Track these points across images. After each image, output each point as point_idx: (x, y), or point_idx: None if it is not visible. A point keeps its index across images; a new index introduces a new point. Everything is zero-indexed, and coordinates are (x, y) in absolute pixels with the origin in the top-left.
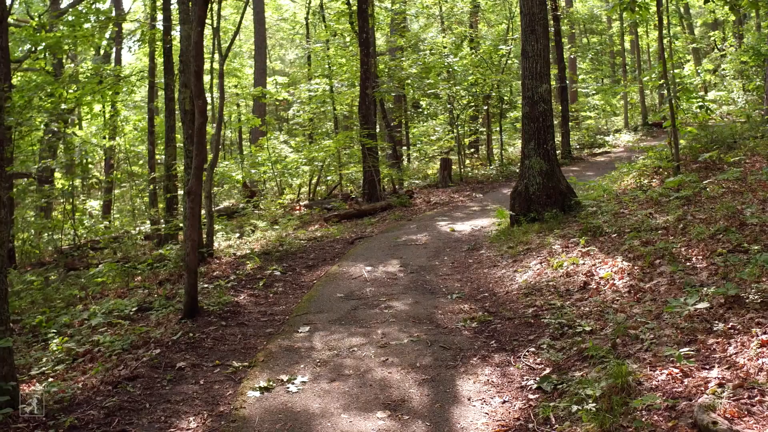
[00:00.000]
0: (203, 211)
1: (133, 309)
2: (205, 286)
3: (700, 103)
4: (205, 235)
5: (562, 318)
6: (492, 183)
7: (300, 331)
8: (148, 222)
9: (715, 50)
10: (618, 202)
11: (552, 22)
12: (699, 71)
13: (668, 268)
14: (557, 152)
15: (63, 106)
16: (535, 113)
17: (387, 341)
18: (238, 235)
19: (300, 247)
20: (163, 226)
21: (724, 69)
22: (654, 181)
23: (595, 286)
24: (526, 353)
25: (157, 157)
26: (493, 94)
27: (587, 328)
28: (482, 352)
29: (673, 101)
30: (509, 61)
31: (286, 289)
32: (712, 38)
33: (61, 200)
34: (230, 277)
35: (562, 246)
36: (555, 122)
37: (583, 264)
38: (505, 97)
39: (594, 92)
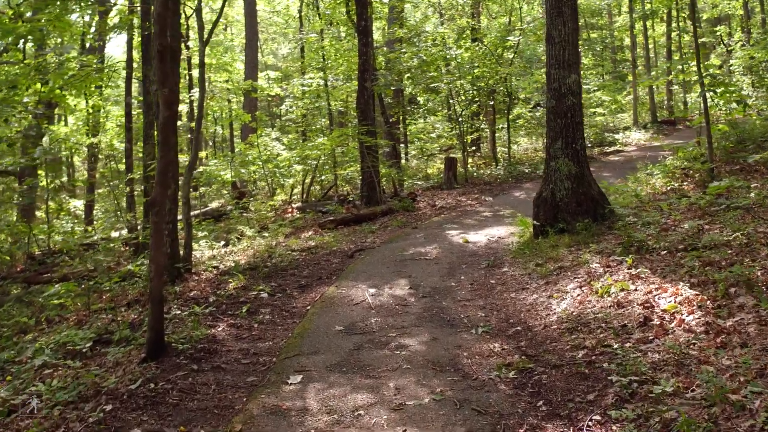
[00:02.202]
0: (180, 217)
1: (89, 343)
2: (177, 312)
3: (737, 99)
4: (182, 248)
5: (627, 369)
6: (501, 184)
7: (290, 382)
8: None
9: (721, 45)
10: (657, 209)
11: None
12: (707, 67)
13: (749, 299)
14: None
15: (26, 99)
16: (562, 108)
17: (402, 400)
18: (223, 243)
19: (291, 261)
20: (140, 233)
21: (731, 65)
22: (686, 185)
23: (658, 323)
24: (590, 424)
25: (140, 154)
26: (501, 88)
27: (667, 388)
28: (530, 420)
29: (706, 96)
30: (513, 55)
31: (275, 317)
32: (718, 33)
33: (44, 199)
34: (209, 299)
35: (603, 265)
36: None
37: (636, 290)
38: (513, 93)
39: (596, 88)
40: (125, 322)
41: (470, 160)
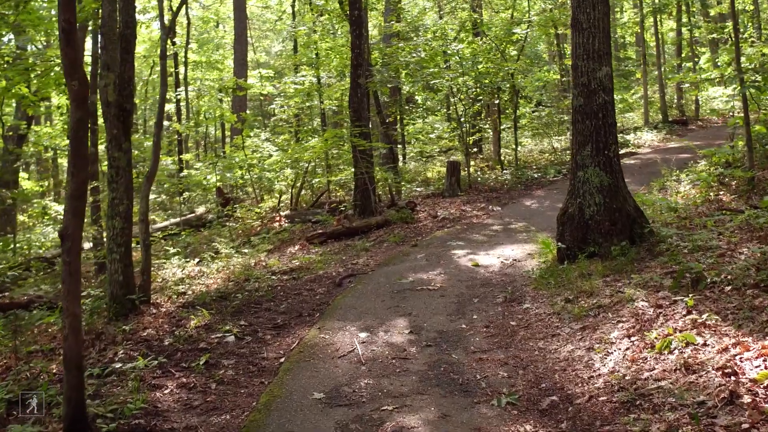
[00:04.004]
0: (138, 234)
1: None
2: (118, 366)
3: None
4: (140, 275)
5: None
6: (509, 191)
7: None
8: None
9: (730, 41)
10: (702, 227)
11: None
12: (718, 63)
13: None
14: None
15: None
16: (592, 106)
17: None
18: (197, 260)
19: (269, 289)
20: (103, 249)
21: (741, 62)
22: (723, 194)
23: (750, 401)
24: None
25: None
26: (507, 85)
27: None
28: None
29: (746, 94)
30: (520, 51)
31: (239, 374)
32: (727, 30)
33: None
34: (164, 341)
35: (653, 305)
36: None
37: (706, 346)
38: (520, 91)
39: None
40: (52, 375)
41: (472, 163)
